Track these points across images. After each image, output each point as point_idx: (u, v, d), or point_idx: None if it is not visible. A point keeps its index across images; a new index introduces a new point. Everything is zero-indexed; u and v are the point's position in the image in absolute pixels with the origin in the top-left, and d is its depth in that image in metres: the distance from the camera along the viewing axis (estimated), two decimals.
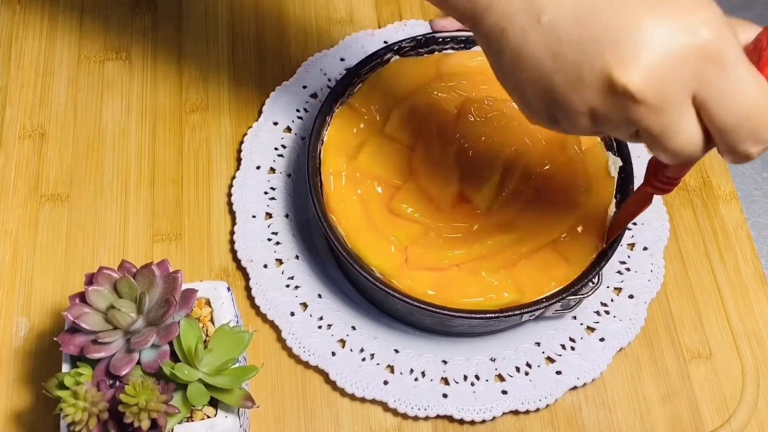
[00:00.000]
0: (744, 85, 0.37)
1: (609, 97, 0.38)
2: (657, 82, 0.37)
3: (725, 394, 0.64)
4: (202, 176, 0.71)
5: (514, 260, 0.61)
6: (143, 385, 0.49)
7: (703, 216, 0.71)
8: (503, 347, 0.64)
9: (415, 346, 0.64)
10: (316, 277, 0.66)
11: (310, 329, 0.64)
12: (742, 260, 0.70)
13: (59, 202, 0.69)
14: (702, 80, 0.37)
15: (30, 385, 0.62)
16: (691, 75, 0.37)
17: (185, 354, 0.52)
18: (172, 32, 0.77)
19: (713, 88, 0.37)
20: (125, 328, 0.52)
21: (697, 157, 0.41)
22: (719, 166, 0.73)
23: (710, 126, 0.39)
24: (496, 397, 0.62)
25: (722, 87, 0.37)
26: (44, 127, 0.72)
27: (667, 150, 0.40)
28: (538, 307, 0.59)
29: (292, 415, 0.62)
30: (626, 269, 0.68)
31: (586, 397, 0.64)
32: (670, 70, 0.37)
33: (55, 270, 0.66)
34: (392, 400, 0.62)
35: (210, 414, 0.53)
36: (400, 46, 0.67)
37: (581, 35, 0.38)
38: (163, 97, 0.74)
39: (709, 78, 0.37)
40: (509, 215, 0.62)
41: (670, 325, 0.67)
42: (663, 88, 0.37)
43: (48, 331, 0.64)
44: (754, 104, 0.37)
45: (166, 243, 0.68)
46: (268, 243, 0.67)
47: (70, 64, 0.75)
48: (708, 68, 0.37)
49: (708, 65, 0.37)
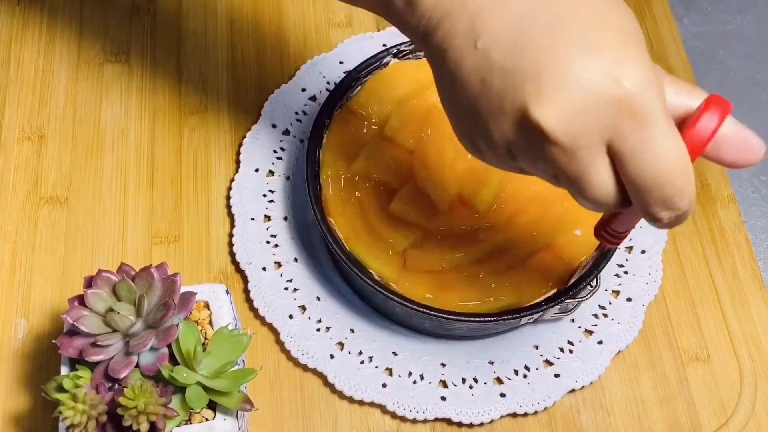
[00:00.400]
0: (660, 146, 0.36)
1: (524, 131, 0.37)
2: (570, 125, 0.36)
3: (723, 397, 0.64)
4: (201, 178, 0.71)
5: (513, 263, 0.61)
6: (142, 388, 0.49)
7: (701, 219, 0.71)
8: (502, 350, 0.64)
9: (413, 348, 0.64)
10: (315, 280, 0.66)
11: (309, 332, 0.64)
12: (740, 263, 0.70)
13: (58, 205, 0.69)
14: (617, 132, 0.36)
15: (28, 388, 0.62)
16: (606, 124, 0.36)
17: (184, 357, 0.52)
18: (171, 34, 0.77)
19: (628, 142, 0.36)
20: (124, 331, 0.52)
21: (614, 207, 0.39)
22: (717, 170, 0.74)
23: (624, 181, 0.38)
24: (495, 400, 0.62)
25: (638, 143, 0.36)
26: (43, 129, 0.72)
27: (583, 197, 0.39)
28: (536, 310, 0.59)
29: (290, 417, 0.62)
30: (624, 272, 0.68)
31: (584, 400, 0.64)
32: (586, 114, 0.36)
33: (54, 272, 0.67)
34: (391, 402, 0.62)
35: (208, 417, 0.53)
36: (399, 49, 0.67)
37: (510, 65, 0.37)
38: (162, 100, 0.74)
39: (625, 131, 0.36)
40: (508, 218, 0.62)
41: (668, 328, 0.67)
42: (576, 131, 0.36)
43: (46, 334, 0.64)
44: (668, 167, 0.36)
45: (165, 245, 0.68)
46: (266, 246, 0.67)
47: (69, 66, 0.75)
48: (625, 121, 0.36)
49: (625, 118, 0.36)
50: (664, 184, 0.36)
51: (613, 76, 0.35)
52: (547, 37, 0.36)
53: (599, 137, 0.36)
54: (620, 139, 0.36)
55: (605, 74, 0.35)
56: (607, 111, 0.36)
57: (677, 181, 0.37)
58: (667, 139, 0.36)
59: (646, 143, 0.36)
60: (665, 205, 0.37)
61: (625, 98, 0.35)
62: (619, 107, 0.36)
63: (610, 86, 0.35)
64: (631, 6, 0.81)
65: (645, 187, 0.37)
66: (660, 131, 0.36)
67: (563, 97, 0.36)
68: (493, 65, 0.37)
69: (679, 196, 0.37)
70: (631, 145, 0.36)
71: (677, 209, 0.38)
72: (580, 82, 0.36)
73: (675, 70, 0.78)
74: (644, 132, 0.36)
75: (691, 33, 0.85)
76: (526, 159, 0.39)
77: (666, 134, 0.36)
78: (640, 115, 0.36)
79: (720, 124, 0.38)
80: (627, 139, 0.36)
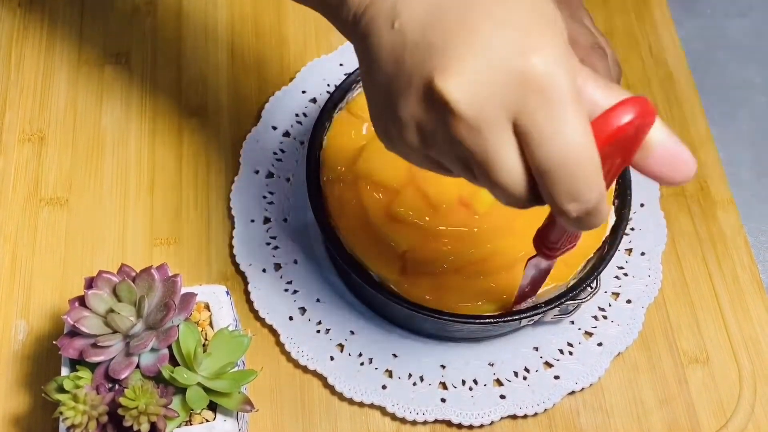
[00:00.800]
0: (566, 127, 0.34)
1: (430, 106, 0.36)
2: (474, 96, 0.35)
3: (722, 399, 0.65)
4: (201, 180, 0.71)
5: (513, 264, 0.61)
6: (143, 388, 0.49)
7: (700, 222, 0.71)
8: (502, 352, 0.64)
9: (413, 350, 0.64)
10: (315, 282, 0.66)
11: (309, 333, 0.64)
12: (740, 266, 0.70)
13: (58, 206, 0.69)
14: (523, 108, 0.35)
15: (29, 389, 0.62)
16: (512, 98, 0.35)
17: (184, 358, 0.52)
18: (172, 36, 0.77)
19: (534, 120, 0.35)
20: (124, 331, 0.52)
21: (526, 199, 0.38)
22: (717, 172, 0.74)
23: (531, 166, 0.36)
24: (495, 402, 0.62)
25: (543, 122, 0.34)
26: (44, 131, 0.73)
27: (493, 183, 0.37)
28: (536, 312, 0.59)
29: (290, 419, 0.62)
30: (624, 274, 0.68)
31: (584, 402, 0.64)
32: (491, 86, 0.35)
33: (54, 273, 0.67)
34: (390, 404, 0.62)
35: (209, 418, 0.53)
36: None
37: (421, 40, 0.36)
38: (163, 101, 0.74)
39: (531, 107, 0.34)
40: (507, 219, 0.62)
41: (667, 330, 0.67)
42: (480, 104, 0.35)
43: (47, 335, 0.64)
44: (572, 151, 0.34)
45: (165, 247, 0.68)
46: (266, 247, 0.67)
47: (70, 68, 0.75)
48: (531, 97, 0.34)
49: (531, 93, 0.34)
50: (568, 169, 0.35)
51: (522, 49, 0.34)
52: (460, 13, 0.35)
53: (505, 112, 0.35)
54: (525, 115, 0.35)
55: (513, 46, 0.34)
56: (512, 84, 0.34)
57: (582, 168, 0.35)
58: (573, 121, 0.34)
59: (551, 122, 0.34)
60: (571, 195, 0.36)
61: (531, 72, 0.34)
62: (525, 81, 0.34)
63: (517, 58, 0.34)
64: (631, 9, 0.82)
65: (549, 170, 0.35)
66: (566, 112, 0.34)
67: (468, 67, 0.35)
68: (407, 43, 0.37)
69: (585, 184, 0.35)
70: (536, 123, 0.35)
71: (584, 201, 0.36)
72: (487, 54, 0.35)
73: (674, 73, 0.78)
74: (550, 110, 0.34)
75: (690, 36, 0.85)
76: (435, 142, 0.38)
77: (573, 116, 0.34)
78: (546, 92, 0.34)
79: (635, 122, 0.36)
80: (532, 116, 0.34)
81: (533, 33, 0.35)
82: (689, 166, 0.38)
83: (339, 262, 0.61)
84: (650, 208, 0.71)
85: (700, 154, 0.75)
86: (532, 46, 0.34)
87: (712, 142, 0.75)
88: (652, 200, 0.71)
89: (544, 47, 0.35)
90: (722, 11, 0.88)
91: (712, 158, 0.74)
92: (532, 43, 0.35)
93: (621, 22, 0.81)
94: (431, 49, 0.36)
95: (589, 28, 0.71)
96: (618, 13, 0.82)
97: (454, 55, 0.35)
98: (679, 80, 0.78)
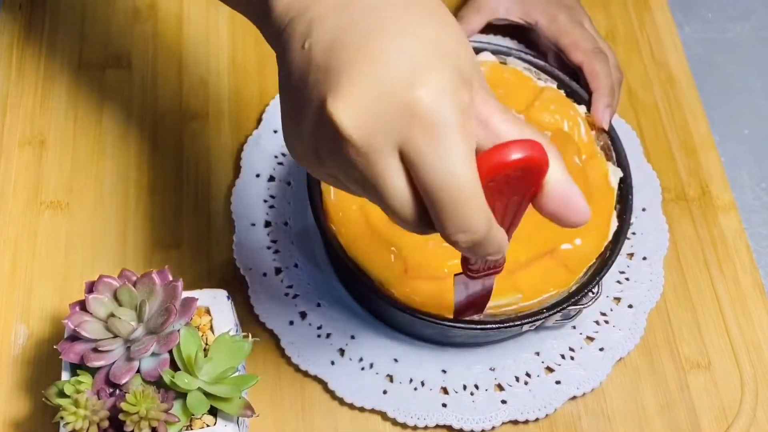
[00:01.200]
0: (447, 160, 0.35)
1: (324, 128, 0.37)
2: (362, 122, 0.35)
3: (724, 404, 0.64)
4: (202, 184, 0.71)
5: (514, 269, 0.61)
6: (144, 393, 0.49)
7: (702, 226, 0.71)
8: (503, 357, 0.64)
9: (414, 355, 0.64)
10: (316, 286, 0.66)
11: (309, 338, 0.64)
12: (741, 270, 0.70)
13: (59, 210, 0.69)
14: (407, 138, 0.35)
15: (29, 393, 0.62)
16: (396, 127, 0.35)
17: (185, 362, 0.52)
18: (173, 40, 0.77)
19: (418, 152, 0.35)
20: (125, 336, 0.52)
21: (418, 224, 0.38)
22: (718, 176, 0.74)
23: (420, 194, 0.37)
24: (496, 407, 0.62)
25: (427, 154, 0.35)
26: (44, 134, 0.72)
27: (385, 207, 0.38)
28: (538, 317, 0.59)
29: (291, 424, 0.62)
30: (626, 279, 0.68)
31: (585, 407, 0.64)
32: (378, 114, 0.35)
33: (55, 277, 0.66)
34: (391, 409, 0.62)
35: (209, 422, 0.53)
36: None
37: (323, 62, 0.37)
38: (163, 105, 0.74)
39: (416, 139, 0.35)
40: None
41: (669, 335, 0.67)
42: (367, 130, 0.36)
43: (47, 339, 0.64)
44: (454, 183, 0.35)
45: (166, 251, 0.68)
46: (267, 251, 0.67)
47: (71, 72, 0.75)
48: (415, 128, 0.35)
49: (415, 125, 0.35)
50: (451, 198, 0.36)
51: (409, 80, 0.35)
52: (361, 40, 0.36)
53: (391, 140, 0.36)
54: (410, 145, 0.36)
55: (401, 77, 0.35)
56: (398, 114, 0.35)
57: (464, 198, 0.36)
58: (455, 152, 0.35)
59: (434, 153, 0.35)
60: (456, 225, 0.36)
61: (415, 104, 0.35)
62: (410, 112, 0.35)
63: (403, 90, 0.35)
64: (633, 14, 0.82)
65: (434, 199, 0.36)
66: (449, 143, 0.35)
67: (358, 94, 0.35)
68: (311, 63, 0.37)
69: (468, 215, 0.36)
70: (420, 153, 0.35)
71: (470, 231, 0.37)
72: (377, 82, 0.35)
73: (676, 76, 0.78)
74: (433, 142, 0.35)
75: (691, 40, 0.85)
76: (332, 163, 0.38)
77: (455, 148, 0.35)
78: (430, 123, 0.35)
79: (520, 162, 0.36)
80: (416, 146, 0.35)
81: (424, 65, 0.36)
82: (581, 213, 0.39)
83: (340, 267, 0.61)
84: (652, 213, 0.70)
85: (702, 158, 0.74)
86: (420, 79, 0.35)
87: (713, 145, 0.75)
88: (654, 204, 0.71)
89: (431, 80, 0.35)
90: (724, 14, 0.88)
91: (713, 162, 0.74)
92: (421, 76, 0.35)
93: (622, 25, 0.81)
94: (329, 72, 0.37)
95: (590, 32, 0.71)
96: (619, 17, 0.82)
97: (348, 80, 0.36)
98: (681, 83, 0.78)
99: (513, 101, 0.67)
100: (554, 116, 0.66)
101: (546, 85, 0.68)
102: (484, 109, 0.38)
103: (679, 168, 0.74)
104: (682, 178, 0.73)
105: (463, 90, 0.36)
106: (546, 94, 0.67)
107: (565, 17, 0.71)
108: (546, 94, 0.67)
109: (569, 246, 0.62)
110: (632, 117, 0.76)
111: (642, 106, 0.77)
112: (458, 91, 0.36)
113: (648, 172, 0.72)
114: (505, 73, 0.68)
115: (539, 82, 0.68)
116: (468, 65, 0.37)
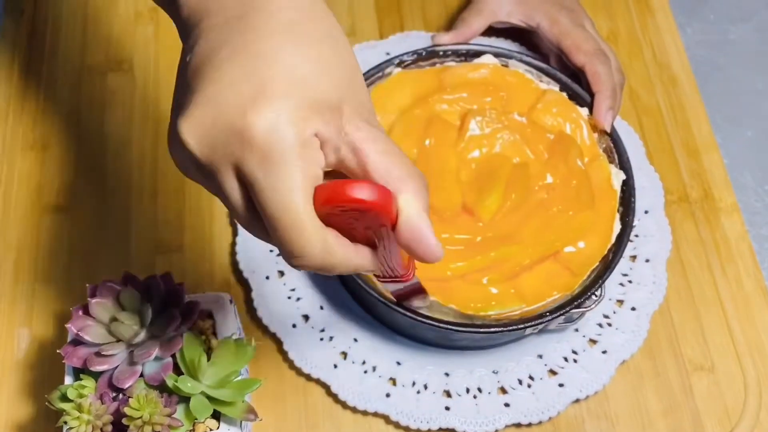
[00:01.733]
0: (279, 184, 0.36)
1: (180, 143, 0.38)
2: (201, 140, 0.37)
3: (727, 407, 0.64)
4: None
5: (517, 272, 0.61)
6: (147, 398, 0.49)
7: (704, 228, 0.71)
8: (506, 360, 0.64)
9: (417, 358, 0.64)
10: (318, 289, 0.66)
11: (312, 341, 0.64)
12: (744, 273, 0.70)
13: (62, 213, 0.69)
14: (242, 161, 0.37)
15: (32, 397, 0.62)
16: (231, 150, 0.37)
17: (188, 367, 0.52)
18: (174, 43, 0.77)
19: (252, 174, 0.37)
20: (128, 340, 0.52)
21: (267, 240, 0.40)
22: (720, 178, 0.74)
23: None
24: (499, 410, 0.62)
25: (259, 176, 0.36)
26: (47, 139, 0.72)
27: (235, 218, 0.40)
28: (541, 320, 0.59)
29: (293, 428, 0.62)
30: (628, 281, 0.67)
31: (588, 410, 0.64)
32: (215, 136, 0.37)
33: (57, 281, 0.66)
34: (394, 412, 0.62)
35: (212, 426, 0.53)
36: (402, 59, 0.67)
37: (188, 81, 0.39)
38: (166, 108, 0.74)
39: (249, 162, 0.36)
40: (512, 227, 0.62)
41: (672, 338, 0.67)
42: (206, 147, 0.37)
43: (50, 343, 0.64)
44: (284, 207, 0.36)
45: (168, 254, 0.68)
46: (269, 254, 0.67)
47: (73, 76, 0.75)
48: (248, 153, 0.36)
49: (249, 150, 0.36)
50: (282, 223, 0.37)
51: (243, 107, 0.36)
52: (219, 62, 0.38)
53: (227, 160, 0.37)
54: (244, 170, 0.37)
55: (237, 103, 0.36)
56: (232, 138, 0.36)
57: (293, 229, 0.37)
58: (286, 184, 0.36)
59: (266, 178, 0.36)
60: (289, 251, 0.38)
61: (248, 130, 0.36)
62: (243, 137, 0.36)
63: (237, 116, 0.36)
64: (635, 15, 0.82)
65: (269, 227, 0.37)
66: (281, 175, 0.36)
67: (198, 115, 0.37)
68: (184, 79, 0.39)
69: (298, 240, 0.37)
70: (254, 177, 0.37)
71: (303, 258, 0.38)
72: (216, 105, 0.37)
73: (678, 78, 0.78)
74: (265, 171, 0.36)
75: (693, 41, 0.85)
76: (192, 175, 0.40)
77: (287, 179, 0.36)
78: (262, 152, 0.36)
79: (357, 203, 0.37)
80: (251, 173, 0.37)
81: (265, 92, 0.37)
82: (430, 251, 0.40)
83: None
84: (655, 215, 0.70)
85: (704, 160, 0.74)
86: (256, 106, 0.36)
87: (716, 147, 0.75)
88: (657, 207, 0.71)
89: (268, 108, 0.36)
90: (725, 16, 0.88)
91: (716, 164, 0.74)
92: (258, 103, 0.36)
93: (624, 27, 0.81)
94: (187, 90, 0.38)
95: (592, 34, 0.71)
96: (621, 18, 0.82)
97: (195, 100, 0.37)
98: (683, 85, 0.78)
99: (515, 104, 0.67)
100: (556, 119, 0.66)
101: (548, 88, 0.68)
102: (355, 136, 0.38)
103: (682, 170, 0.74)
104: (684, 180, 0.73)
105: (314, 119, 0.37)
106: (548, 97, 0.67)
107: (566, 20, 0.71)
108: (548, 96, 0.67)
109: (572, 249, 0.62)
110: (634, 119, 0.76)
111: (644, 108, 0.77)
112: (302, 120, 0.37)
113: (650, 175, 0.72)
114: (508, 76, 0.68)
115: (541, 85, 0.68)
116: (331, 93, 0.38)
